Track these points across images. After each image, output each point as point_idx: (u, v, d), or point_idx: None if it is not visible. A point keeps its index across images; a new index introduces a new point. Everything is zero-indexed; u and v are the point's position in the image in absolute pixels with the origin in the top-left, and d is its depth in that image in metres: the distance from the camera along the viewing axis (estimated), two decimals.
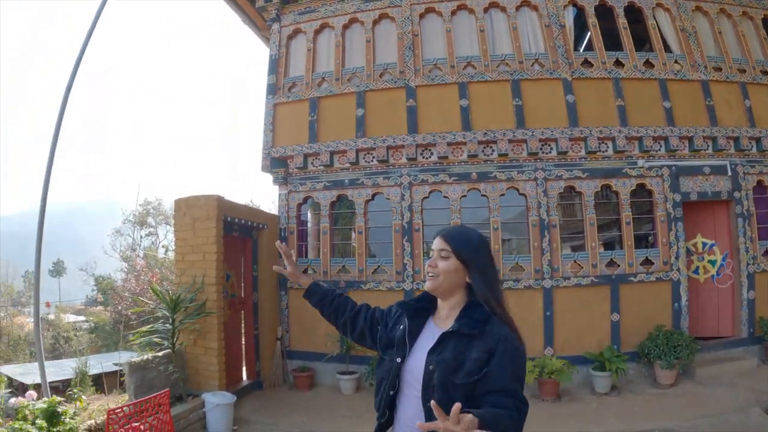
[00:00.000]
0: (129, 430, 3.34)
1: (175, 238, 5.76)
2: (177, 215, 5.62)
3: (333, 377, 5.96)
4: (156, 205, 17.48)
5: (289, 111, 6.86)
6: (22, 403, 3.62)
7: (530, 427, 2.82)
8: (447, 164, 6.11)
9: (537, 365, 5.26)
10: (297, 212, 6.73)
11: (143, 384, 4.59)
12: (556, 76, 6.06)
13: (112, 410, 3.33)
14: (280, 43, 7.05)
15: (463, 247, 1.40)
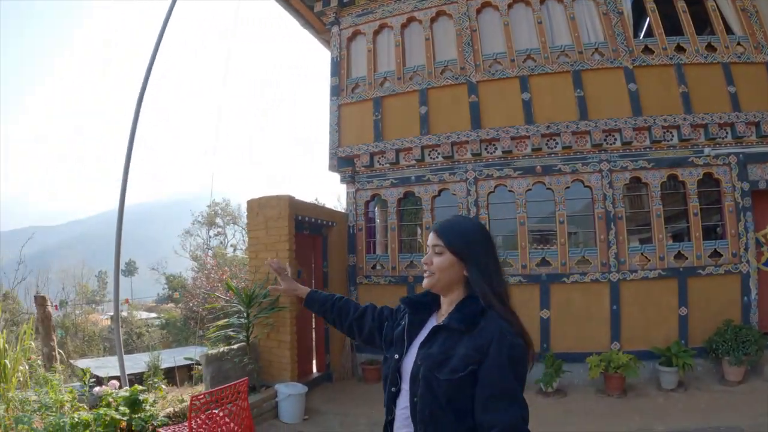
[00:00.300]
0: (209, 416, 3.90)
1: (249, 237, 7.01)
2: (250, 215, 6.88)
3: None
4: (224, 206, 19.78)
5: (354, 111, 8.15)
6: (106, 391, 4.46)
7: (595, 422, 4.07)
8: (511, 158, 7.16)
9: (603, 359, 5.95)
10: (365, 209, 8.00)
11: (219, 375, 5.50)
12: (617, 64, 6.91)
13: (195, 396, 3.85)
14: (341, 45, 8.34)
15: (457, 240, 1.49)
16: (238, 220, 20.85)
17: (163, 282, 22.85)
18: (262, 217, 6.63)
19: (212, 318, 12.32)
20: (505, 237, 7.34)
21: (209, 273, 13.76)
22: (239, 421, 4.09)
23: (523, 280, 6.82)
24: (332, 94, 8.32)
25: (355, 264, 7.87)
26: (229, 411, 4.05)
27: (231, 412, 4.06)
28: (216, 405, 3.96)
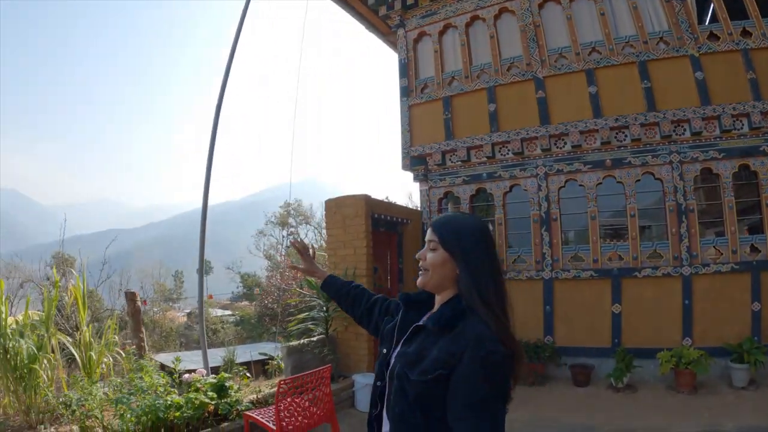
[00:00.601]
0: (294, 400, 4.70)
1: (327, 235, 8.50)
2: (328, 214, 8.43)
3: None
4: (296, 206, 22.60)
5: (424, 111, 9.60)
6: (195, 378, 5.49)
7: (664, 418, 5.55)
8: (581, 153, 8.25)
9: (674, 355, 6.71)
10: (438, 207, 9.45)
11: (299, 365, 6.61)
12: (683, 53, 7.71)
13: (282, 381, 4.59)
14: (407, 47, 9.80)
15: (449, 236, 1.64)
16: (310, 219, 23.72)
17: (238, 281, 26.53)
18: (339, 215, 8.07)
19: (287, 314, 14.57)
20: (576, 232, 8.45)
21: (284, 271, 16.06)
22: (321, 406, 4.89)
23: (594, 275, 7.94)
24: (402, 95, 9.82)
25: None
26: (313, 396, 4.84)
27: (315, 398, 4.85)
28: (300, 390, 4.74)
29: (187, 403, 4.97)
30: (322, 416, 4.89)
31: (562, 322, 8.08)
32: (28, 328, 6.47)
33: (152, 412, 4.70)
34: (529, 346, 7.73)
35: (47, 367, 6.21)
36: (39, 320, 6.82)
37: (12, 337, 6.06)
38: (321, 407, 4.91)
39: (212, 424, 5.16)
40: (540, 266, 8.38)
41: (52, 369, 6.35)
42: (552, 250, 8.32)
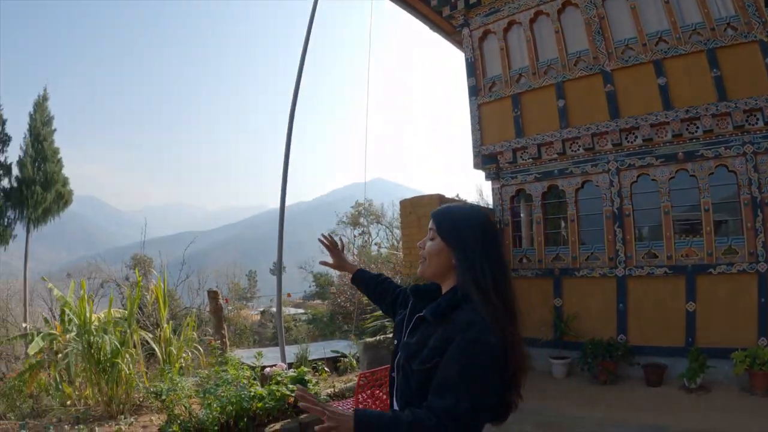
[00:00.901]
0: (372, 393, 5.33)
1: (402, 235, 9.86)
2: (403, 214, 9.82)
3: (545, 361, 9.25)
4: (367, 206, 24.94)
5: (493, 109, 10.89)
6: (276, 371, 6.54)
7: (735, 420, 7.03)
8: (652, 146, 9.16)
9: (749, 355, 7.20)
10: (510, 205, 10.71)
11: (375, 360, 7.56)
12: (751, 38, 8.34)
13: (362, 374, 5.22)
14: (473, 46, 11.12)
15: (447, 225, 2.00)
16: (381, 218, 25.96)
17: (311, 280, 29.88)
18: (414, 216, 9.41)
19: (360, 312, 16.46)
20: (650, 228, 9.39)
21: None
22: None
23: (668, 272, 8.83)
24: (470, 94, 11.18)
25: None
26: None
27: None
28: (379, 383, 5.37)
29: (270, 394, 6.06)
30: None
31: (635, 321, 9.02)
32: (111, 325, 8.02)
33: (237, 402, 5.80)
34: (602, 344, 8.71)
35: (129, 361, 7.72)
36: (121, 317, 8.52)
37: (96, 334, 7.61)
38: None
39: (291, 414, 6.25)
40: (613, 263, 9.36)
41: (133, 363, 7.89)
42: (625, 246, 9.28)
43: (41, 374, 9.00)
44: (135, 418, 7.09)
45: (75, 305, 8.53)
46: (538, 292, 10.02)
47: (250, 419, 5.98)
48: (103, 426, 6.78)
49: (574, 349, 9.24)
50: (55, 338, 8.67)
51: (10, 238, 24.16)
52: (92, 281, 21.45)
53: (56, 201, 23.97)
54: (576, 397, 7.94)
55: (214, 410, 5.79)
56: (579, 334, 9.24)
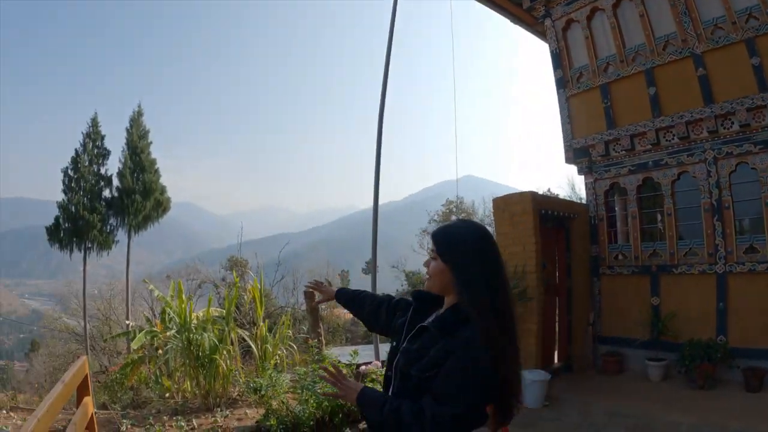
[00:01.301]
0: None
1: (496, 233, 9.99)
2: (496, 212, 10.10)
3: (641, 363, 9.43)
4: (458, 203, 25.68)
5: (582, 101, 11.18)
6: (371, 369, 7.33)
7: None
8: (750, 132, 9.14)
9: None
10: (605, 199, 10.95)
11: None
12: None
13: None
14: (557, 36, 11.45)
15: (444, 248, 2.28)
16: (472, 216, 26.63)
17: (403, 278, 31.35)
18: (507, 213, 9.74)
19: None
20: (751, 220, 9.39)
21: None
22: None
23: None
24: (558, 87, 11.53)
25: (597, 255, 10.90)
26: None
27: None
28: None
29: None
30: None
31: (736, 321, 9.03)
32: (209, 323, 9.01)
33: (333, 399, 6.12)
34: (701, 345, 8.81)
35: (226, 357, 8.64)
36: (219, 316, 9.55)
37: (195, 331, 8.59)
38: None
39: None
40: (713, 259, 9.41)
41: (230, 359, 8.81)
42: (725, 241, 9.31)
43: (142, 368, 10.39)
44: (230, 411, 8.00)
45: (175, 305, 9.67)
46: (635, 291, 10.26)
47: (344, 415, 6.53)
48: (200, 418, 7.66)
49: (671, 350, 9.32)
50: (156, 335, 9.86)
51: (113, 244, 26.69)
52: (190, 282, 23.50)
53: (155, 208, 26.31)
54: (672, 401, 8.08)
55: (310, 406, 6.43)
56: (677, 335, 9.37)
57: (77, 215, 25.72)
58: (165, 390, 9.71)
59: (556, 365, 10.18)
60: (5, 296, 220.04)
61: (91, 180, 26.47)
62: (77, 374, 4.57)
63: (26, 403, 13.57)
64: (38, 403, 14.09)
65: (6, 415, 10.42)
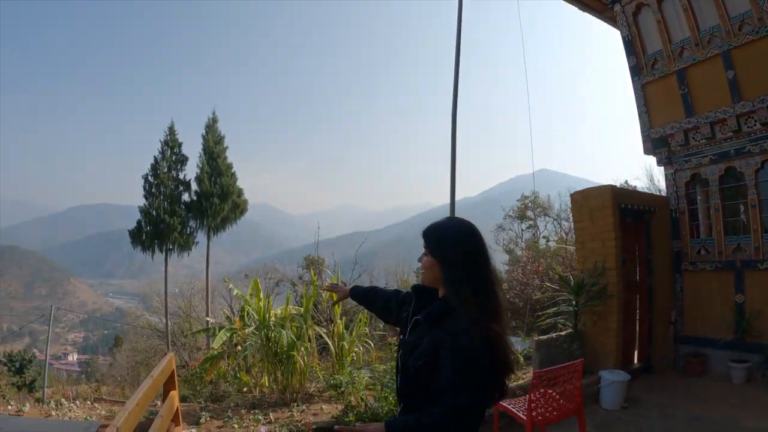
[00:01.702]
0: (547, 391, 5.59)
1: (575, 228, 9.94)
2: (574, 207, 9.91)
3: (724, 364, 9.07)
4: (533, 198, 25.46)
5: (658, 88, 10.82)
6: None
7: None
8: None
9: None
10: (685, 191, 10.57)
11: (547, 359, 7.92)
12: None
13: (538, 372, 5.50)
14: (628, 22, 11.13)
15: (431, 244, 2.47)
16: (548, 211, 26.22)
17: None
18: (586, 208, 9.55)
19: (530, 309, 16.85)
20: None
21: (525, 265, 18.52)
22: (570, 399, 5.73)
23: None
24: (633, 75, 11.20)
25: (679, 250, 10.55)
26: (563, 389, 5.71)
27: (565, 391, 5.72)
28: (553, 382, 5.61)
29: None
30: (570, 409, 5.74)
31: None
32: (288, 321, 9.26)
33: None
34: None
35: (304, 353, 8.85)
36: (297, 314, 9.79)
37: (274, 328, 8.85)
38: (570, 400, 5.75)
39: None
40: None
41: (307, 356, 9.03)
42: None
43: (221, 363, 10.82)
44: (306, 406, 8.19)
45: (254, 303, 9.99)
46: (718, 287, 9.89)
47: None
48: (277, 412, 7.85)
49: (756, 351, 8.97)
50: (235, 332, 10.25)
51: (193, 245, 27.57)
52: (268, 281, 24.07)
53: (233, 210, 27.19)
54: (756, 406, 7.75)
55: (388, 403, 6.48)
56: (762, 335, 8.98)
57: (158, 219, 26.82)
58: (243, 384, 10.04)
59: (635, 365, 9.82)
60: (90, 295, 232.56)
61: (171, 185, 27.61)
62: (164, 370, 4.86)
63: (109, 395, 14.35)
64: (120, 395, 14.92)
65: (90, 406, 11.02)
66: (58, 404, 10.93)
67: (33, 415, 9.90)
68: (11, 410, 10.30)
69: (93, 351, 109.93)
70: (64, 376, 35.18)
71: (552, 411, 5.65)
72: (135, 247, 27.96)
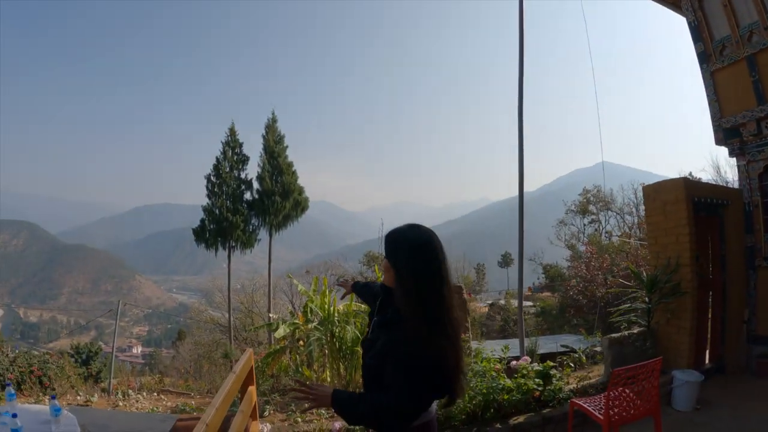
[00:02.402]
0: (624, 391, 5.54)
1: (646, 223, 9.55)
2: (647, 201, 9.54)
3: None
4: (595, 192, 25.11)
5: (728, 76, 10.42)
6: (522, 365, 6.91)
7: None
8: None
9: None
10: (759, 183, 10.11)
11: (619, 358, 7.77)
12: None
13: (617, 371, 5.37)
14: (693, 7, 10.74)
15: (388, 249, 2.61)
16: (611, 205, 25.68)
17: (540, 271, 31.45)
18: (658, 202, 9.22)
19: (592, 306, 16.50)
20: None
21: (589, 261, 18.15)
22: (647, 399, 5.60)
23: None
24: (700, 62, 10.84)
25: (752, 245, 10.11)
26: (642, 388, 5.58)
27: (641, 390, 5.59)
28: (631, 381, 5.50)
29: (518, 387, 6.52)
30: (646, 409, 5.60)
31: None
32: (351, 317, 9.38)
33: (489, 393, 6.30)
34: None
35: None
36: (360, 310, 9.79)
37: (339, 324, 9.00)
38: (647, 400, 5.61)
39: (535, 408, 6.58)
40: None
41: None
42: None
43: (283, 358, 10.95)
44: None
45: (317, 299, 10.14)
46: None
47: (495, 410, 6.42)
48: None
49: None
50: (298, 327, 10.32)
51: (255, 242, 28.00)
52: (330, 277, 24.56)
53: (294, 208, 27.62)
54: None
55: (464, 400, 6.28)
56: None
57: (221, 217, 27.36)
58: (305, 379, 10.05)
59: (707, 366, 9.37)
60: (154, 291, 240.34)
61: (233, 184, 28.14)
62: (245, 366, 4.91)
63: (172, 386, 14.79)
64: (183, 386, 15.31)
65: (156, 398, 11.33)
66: (125, 395, 11.44)
67: (101, 405, 10.31)
68: (80, 401, 10.72)
69: (156, 344, 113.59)
70: (129, 368, 36.67)
71: (629, 410, 5.54)
72: (199, 245, 28.59)
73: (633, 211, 26.68)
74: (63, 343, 68.45)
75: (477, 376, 6.68)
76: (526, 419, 6.43)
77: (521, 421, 6.39)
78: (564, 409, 6.51)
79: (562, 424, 6.43)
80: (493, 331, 24.11)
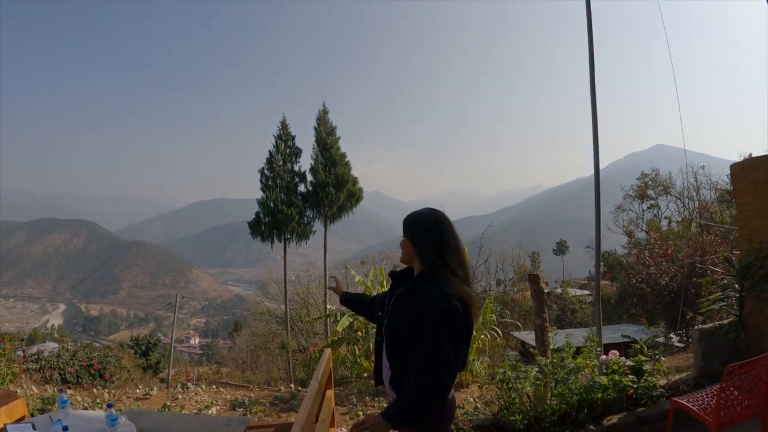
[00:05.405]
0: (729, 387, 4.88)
1: (736, 204, 8.44)
2: (735, 180, 8.36)
3: None
4: (653, 176, 24.13)
5: None
6: (612, 359, 6.33)
7: None
8: None
9: None
10: None
11: (710, 350, 7.12)
12: None
13: (732, 366, 4.71)
14: None
15: (407, 227, 2.95)
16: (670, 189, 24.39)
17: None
18: (748, 181, 8.03)
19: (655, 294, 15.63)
20: None
21: (652, 248, 17.28)
22: (756, 397, 4.93)
23: None
24: None
25: None
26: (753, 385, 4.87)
27: (752, 387, 4.88)
28: (743, 377, 4.82)
29: (614, 385, 5.93)
30: (756, 408, 4.98)
31: None
32: None
33: (586, 392, 5.76)
34: None
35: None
36: None
37: None
38: (756, 398, 4.95)
39: (627, 407, 5.99)
40: None
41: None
42: None
43: (340, 349, 10.78)
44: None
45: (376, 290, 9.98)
46: None
47: (590, 410, 5.90)
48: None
49: None
50: (356, 318, 10.18)
51: (311, 234, 27.95)
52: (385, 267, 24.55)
53: (348, 199, 27.40)
54: None
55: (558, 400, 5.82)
56: None
57: (276, 210, 27.21)
58: (363, 370, 10.11)
59: None
60: (211, 283, 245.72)
61: (286, 177, 27.97)
62: (325, 370, 4.67)
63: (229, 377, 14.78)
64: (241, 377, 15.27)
65: (216, 390, 11.18)
66: (184, 388, 11.34)
67: (159, 397, 10.32)
68: (139, 393, 10.72)
69: (213, 335, 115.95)
70: (186, 358, 37.49)
71: (739, 409, 4.88)
72: (254, 238, 28.47)
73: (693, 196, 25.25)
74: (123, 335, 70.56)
75: (572, 373, 5.99)
76: (620, 419, 5.88)
77: (615, 421, 5.85)
78: (659, 407, 5.94)
79: (656, 423, 5.83)
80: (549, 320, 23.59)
